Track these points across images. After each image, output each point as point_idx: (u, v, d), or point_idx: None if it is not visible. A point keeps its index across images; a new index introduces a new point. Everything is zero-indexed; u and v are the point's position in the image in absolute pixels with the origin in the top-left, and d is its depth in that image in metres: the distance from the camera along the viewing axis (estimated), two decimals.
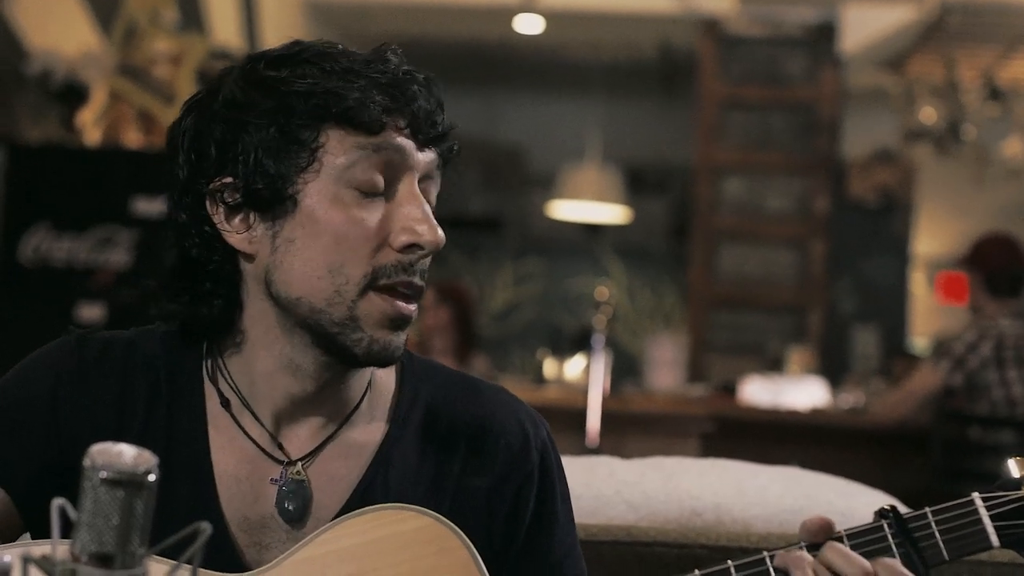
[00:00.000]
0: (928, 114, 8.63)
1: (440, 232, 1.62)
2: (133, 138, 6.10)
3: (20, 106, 6.08)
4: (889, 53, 8.73)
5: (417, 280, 1.62)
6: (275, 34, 8.80)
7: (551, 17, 9.46)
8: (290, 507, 1.67)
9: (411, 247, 1.60)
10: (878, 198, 8.98)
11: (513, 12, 9.41)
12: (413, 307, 1.63)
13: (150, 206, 5.62)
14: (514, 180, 11.77)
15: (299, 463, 1.68)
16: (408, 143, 1.62)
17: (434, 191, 1.68)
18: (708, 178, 8.99)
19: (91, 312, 5.73)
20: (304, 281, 1.61)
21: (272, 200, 1.62)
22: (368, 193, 1.60)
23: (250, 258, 1.65)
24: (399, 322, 1.62)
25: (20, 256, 5.71)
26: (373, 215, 1.61)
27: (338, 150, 1.60)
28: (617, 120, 11.41)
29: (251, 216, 1.64)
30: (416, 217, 1.61)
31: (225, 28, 8.17)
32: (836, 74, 8.96)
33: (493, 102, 11.85)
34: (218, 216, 1.65)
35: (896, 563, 1.59)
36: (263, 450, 1.68)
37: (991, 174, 9.39)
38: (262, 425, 1.69)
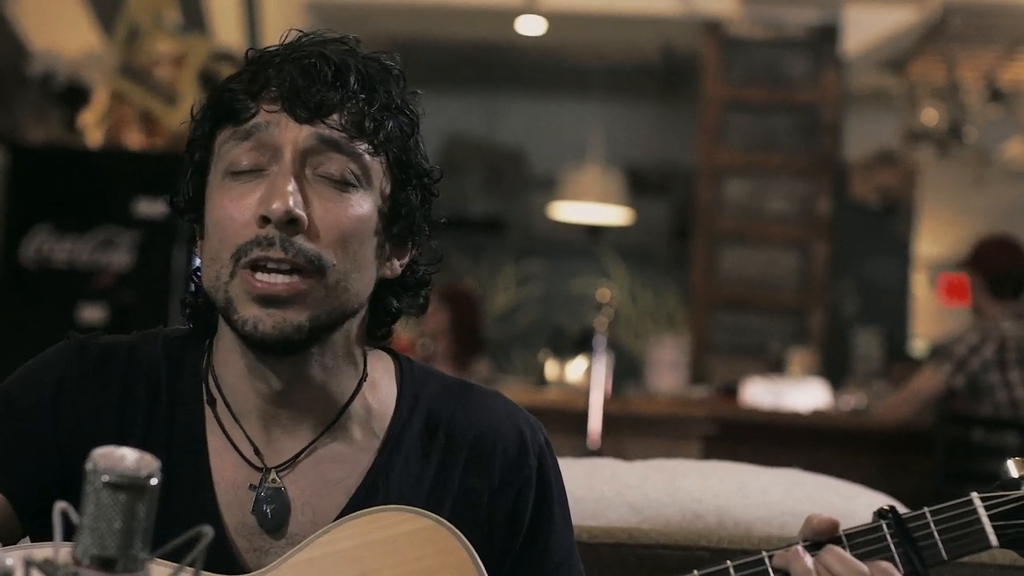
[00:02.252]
0: (930, 115, 8.62)
1: (290, 202, 1.58)
2: (135, 139, 6.10)
3: (22, 107, 6.08)
4: (891, 55, 8.73)
5: (273, 253, 1.58)
6: (277, 35, 8.77)
7: (553, 19, 9.45)
8: (268, 513, 1.67)
9: (263, 219, 1.59)
10: (880, 200, 8.97)
11: (515, 13, 9.40)
12: (278, 281, 1.59)
13: (152, 207, 5.62)
14: (516, 181, 11.76)
15: (274, 471, 1.68)
16: (282, 120, 1.61)
17: (341, 164, 1.63)
18: (710, 180, 8.99)
19: (92, 313, 5.73)
20: (204, 273, 1.65)
21: (194, 207, 1.69)
22: (244, 177, 1.62)
23: None
24: (264, 298, 1.59)
25: (22, 257, 5.71)
26: (245, 199, 1.61)
27: (220, 143, 1.64)
28: (619, 122, 11.40)
29: (199, 226, 1.70)
30: (270, 189, 1.60)
31: (227, 29, 8.16)
32: (838, 76, 8.96)
33: (495, 103, 11.84)
34: (194, 230, 1.72)
35: (891, 567, 1.59)
36: (243, 457, 1.69)
37: (993, 175, 9.40)
38: (244, 431, 1.69)
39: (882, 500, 2.29)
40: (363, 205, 1.64)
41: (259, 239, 1.58)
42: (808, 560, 1.59)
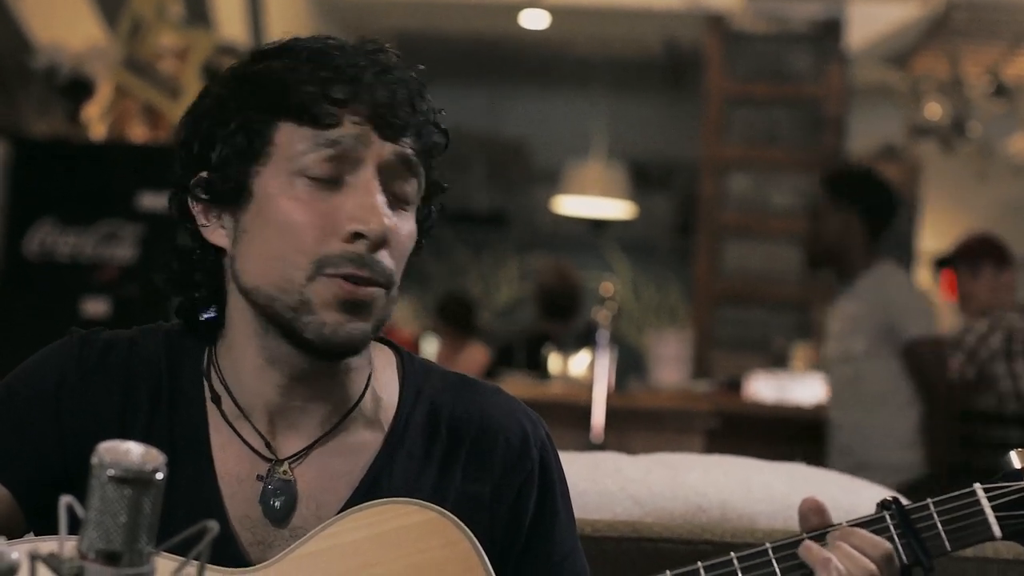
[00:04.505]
0: (933, 110, 8.62)
1: (387, 222, 1.60)
2: (139, 132, 6.10)
3: (25, 100, 6.08)
4: (895, 49, 8.72)
5: (365, 272, 1.60)
6: (281, 29, 8.76)
7: (557, 12, 9.46)
8: (276, 505, 1.67)
9: (356, 236, 1.59)
10: None
11: (518, 7, 9.40)
12: (370, 290, 1.61)
13: (156, 201, 5.62)
14: (519, 176, 11.77)
15: (286, 462, 1.69)
16: (366, 135, 1.61)
17: (408, 184, 1.66)
18: (713, 174, 8.99)
19: (96, 307, 5.73)
20: (258, 270, 1.63)
21: (231, 193, 1.64)
22: (319, 183, 1.61)
23: (223, 252, 1.68)
24: (351, 305, 1.60)
25: (25, 250, 5.72)
26: (323, 205, 1.60)
27: (291, 142, 1.61)
28: (622, 116, 11.40)
29: (220, 210, 1.67)
30: (364, 206, 1.60)
31: (231, 23, 8.17)
32: (842, 70, 8.95)
33: (498, 97, 11.84)
34: (197, 211, 1.68)
35: (890, 548, 1.61)
36: (253, 449, 1.69)
37: (996, 170, 9.38)
38: (251, 423, 1.69)
39: (885, 494, 2.29)
40: (413, 222, 1.68)
41: (350, 256, 1.59)
42: (822, 551, 1.60)
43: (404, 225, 1.65)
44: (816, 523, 1.64)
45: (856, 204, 5.34)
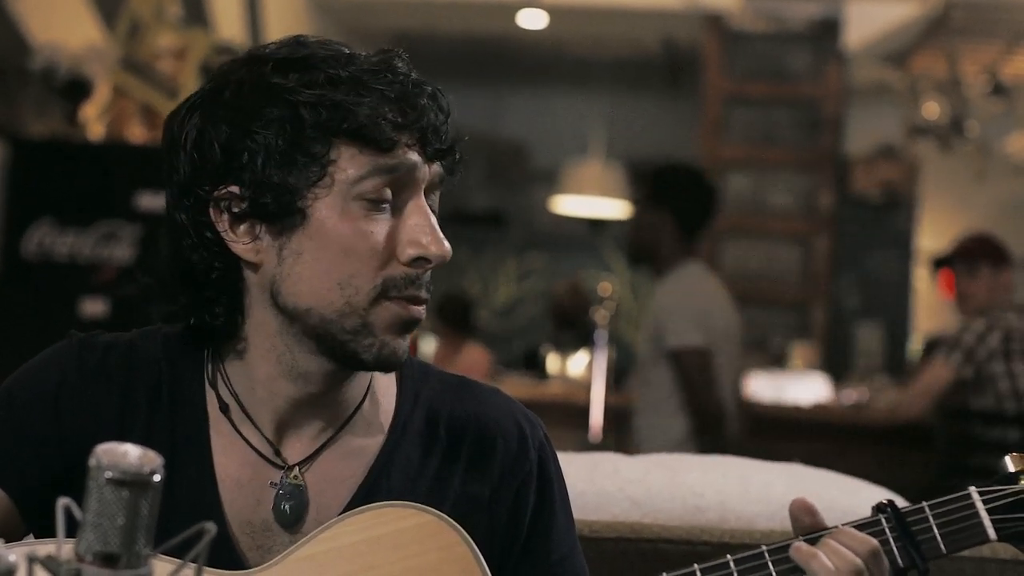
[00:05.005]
0: (932, 110, 8.63)
1: (446, 245, 1.63)
2: (137, 133, 6.10)
3: (23, 101, 6.08)
4: (893, 49, 8.72)
5: (423, 293, 1.64)
6: (279, 29, 8.79)
7: (555, 12, 9.46)
8: (287, 510, 1.67)
9: (418, 260, 1.61)
10: (882, 194, 8.98)
11: (516, 7, 9.41)
12: (422, 309, 1.65)
13: (154, 201, 5.61)
14: (517, 175, 11.77)
15: (297, 468, 1.69)
16: (417, 158, 1.62)
17: (437, 197, 1.69)
18: (712, 174, 8.98)
19: (94, 307, 5.73)
20: (314, 293, 1.61)
21: (280, 212, 1.60)
22: (377, 207, 1.60)
23: (255, 267, 1.64)
24: (410, 325, 1.64)
25: (23, 251, 5.71)
26: (381, 228, 1.60)
27: (348, 165, 1.59)
28: (621, 115, 11.40)
29: (257, 226, 1.62)
30: (424, 230, 1.61)
31: (229, 23, 8.17)
32: (840, 70, 8.96)
33: (496, 97, 11.84)
34: (222, 224, 1.63)
35: (877, 546, 1.62)
36: (262, 455, 1.69)
37: (994, 169, 9.39)
38: (260, 431, 1.69)
39: (883, 494, 2.30)
40: None
41: (410, 277, 1.62)
42: (810, 549, 1.61)
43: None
44: (808, 523, 1.65)
45: (668, 203, 5.26)
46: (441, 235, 1.63)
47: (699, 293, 5.17)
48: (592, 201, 10.50)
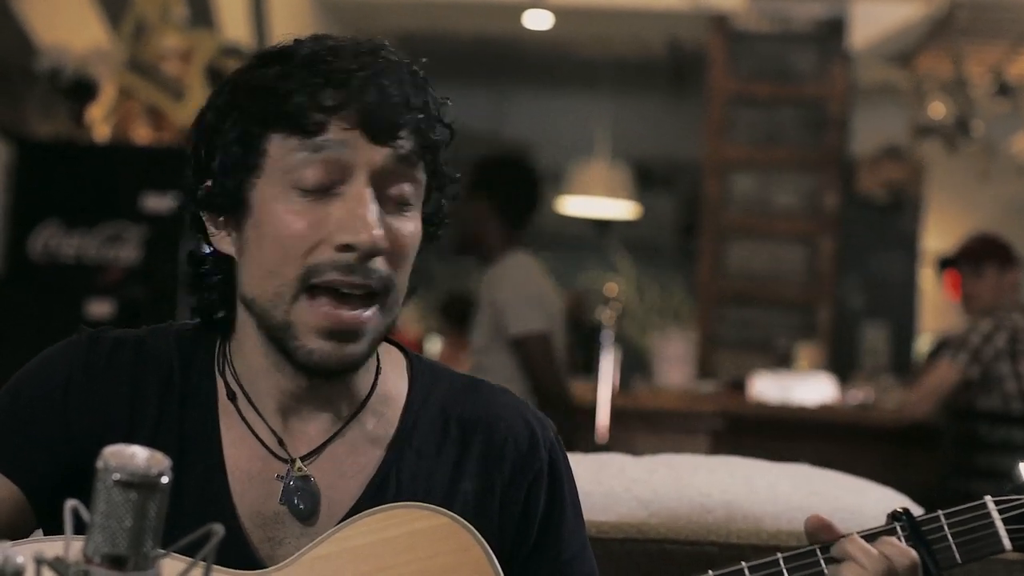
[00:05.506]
0: (937, 110, 8.61)
1: (377, 232, 1.58)
2: (142, 134, 6.10)
3: (29, 102, 6.08)
4: (898, 49, 8.71)
5: (358, 279, 1.59)
6: (284, 30, 8.74)
7: (560, 13, 9.46)
8: (300, 504, 1.68)
9: (345, 247, 1.58)
10: (887, 194, 8.96)
11: (522, 8, 9.40)
12: (357, 313, 1.60)
13: (160, 202, 5.62)
14: None
15: (299, 460, 1.69)
16: (357, 140, 1.59)
17: (407, 184, 1.63)
18: (717, 174, 8.98)
19: (100, 308, 5.73)
20: (253, 283, 1.63)
21: (230, 204, 1.64)
22: (311, 193, 1.59)
23: (234, 261, 1.68)
24: (336, 333, 1.60)
25: (29, 252, 5.71)
26: (315, 215, 1.59)
27: (283, 152, 1.60)
28: (626, 116, 11.40)
29: (224, 220, 1.67)
30: (354, 216, 1.58)
31: (235, 24, 8.17)
32: (845, 70, 8.95)
33: (502, 98, 11.84)
34: (208, 219, 1.69)
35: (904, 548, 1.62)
36: (267, 447, 1.69)
37: (1000, 169, 9.37)
38: (266, 422, 1.70)
39: (890, 495, 2.30)
40: (416, 222, 1.66)
41: (337, 263, 1.58)
42: (868, 547, 1.62)
43: (405, 227, 1.63)
44: (825, 539, 1.64)
45: (491, 193, 5.29)
46: (373, 221, 1.58)
47: (532, 280, 5.24)
48: (597, 202, 10.50)
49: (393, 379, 1.77)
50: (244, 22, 8.40)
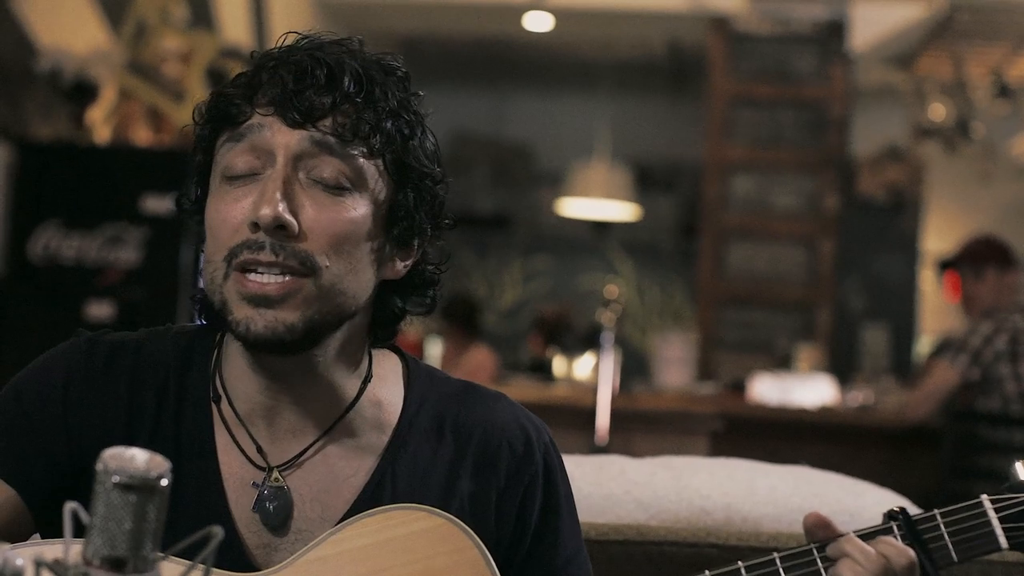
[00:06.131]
0: (937, 111, 8.62)
1: (278, 208, 1.58)
2: (143, 136, 6.11)
3: (30, 104, 6.09)
4: (898, 50, 8.72)
5: (267, 256, 1.58)
6: (284, 32, 8.77)
7: (560, 15, 9.46)
8: (271, 510, 1.68)
9: (253, 225, 1.59)
10: (887, 195, 8.96)
11: (522, 10, 9.41)
12: (265, 280, 1.60)
13: (159, 204, 5.62)
14: (523, 177, 11.77)
15: (276, 470, 1.69)
16: (274, 124, 1.62)
17: (333, 166, 1.62)
18: (717, 175, 8.99)
19: (100, 310, 5.73)
20: (203, 275, 1.66)
21: (197, 204, 1.71)
22: (238, 179, 1.63)
23: None
24: (254, 298, 1.60)
25: (29, 254, 5.72)
26: (238, 200, 1.62)
27: (220, 147, 1.66)
28: (626, 117, 11.40)
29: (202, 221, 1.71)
30: (260, 194, 1.60)
31: (235, 26, 8.17)
32: (845, 71, 8.95)
33: (502, 99, 11.85)
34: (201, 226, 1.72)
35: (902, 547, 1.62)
36: (245, 454, 1.69)
37: (1000, 171, 9.38)
38: (247, 429, 1.70)
39: (889, 496, 2.30)
40: (357, 208, 1.64)
41: (249, 243, 1.59)
42: (866, 546, 1.62)
43: (338, 211, 1.62)
44: (823, 537, 1.64)
45: None
46: (276, 198, 1.59)
47: None
48: (597, 203, 10.50)
49: (389, 385, 1.77)
50: (244, 24, 8.41)
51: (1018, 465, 1.69)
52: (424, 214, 1.71)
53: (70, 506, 1.07)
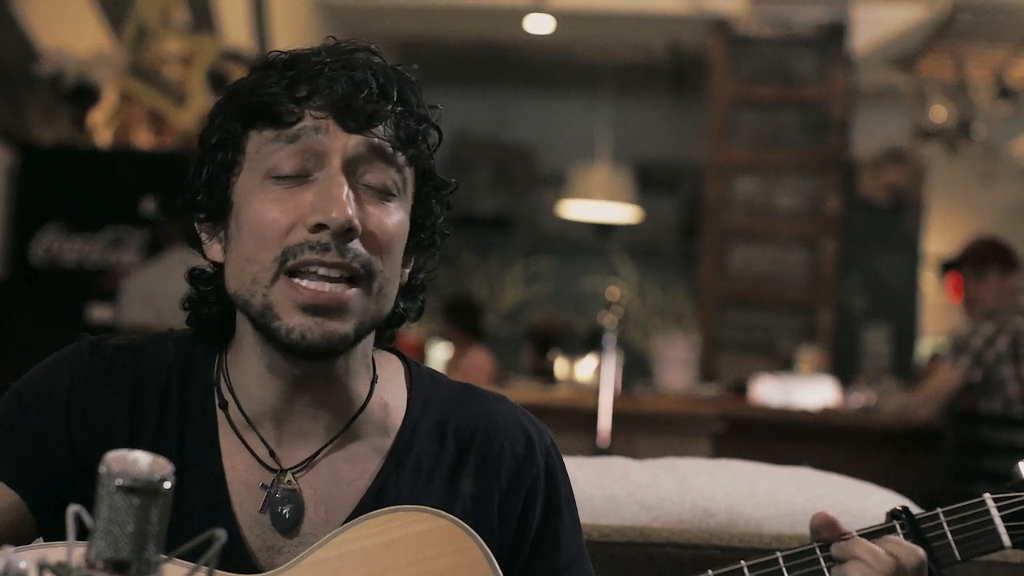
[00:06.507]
0: (939, 113, 8.63)
1: (349, 211, 1.59)
2: (144, 139, 6.11)
3: (31, 107, 6.09)
4: (900, 52, 8.73)
5: (334, 257, 1.59)
6: (285, 35, 8.80)
7: (561, 17, 9.47)
8: (284, 516, 1.68)
9: (319, 227, 1.59)
10: (889, 197, 8.97)
11: (524, 12, 9.41)
12: (328, 289, 1.60)
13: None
14: (524, 179, 11.77)
15: (289, 472, 1.69)
16: (327, 127, 1.62)
17: (385, 173, 1.65)
18: (718, 177, 8.99)
19: (102, 312, 5.74)
20: (234, 275, 1.65)
21: (213, 206, 1.68)
22: (287, 180, 1.62)
23: (224, 265, 1.69)
24: (312, 307, 1.60)
25: (31, 256, 5.73)
26: (290, 200, 1.61)
27: (260, 146, 1.64)
28: (627, 119, 11.41)
29: (210, 225, 1.70)
30: (327, 196, 1.60)
31: (236, 29, 8.17)
32: (846, 73, 8.95)
33: (504, 102, 11.85)
34: (200, 231, 1.72)
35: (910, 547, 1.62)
36: (258, 458, 1.69)
37: (1002, 172, 9.39)
38: (257, 432, 1.70)
39: (892, 498, 2.30)
40: (400, 214, 1.66)
41: (312, 243, 1.59)
42: (872, 546, 1.61)
43: (386, 216, 1.64)
44: (828, 537, 1.64)
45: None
46: (345, 200, 1.60)
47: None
48: (599, 205, 10.51)
49: (392, 387, 1.77)
50: (245, 27, 8.41)
51: (1021, 465, 1.69)
52: (440, 223, 1.74)
53: (73, 509, 1.07)
